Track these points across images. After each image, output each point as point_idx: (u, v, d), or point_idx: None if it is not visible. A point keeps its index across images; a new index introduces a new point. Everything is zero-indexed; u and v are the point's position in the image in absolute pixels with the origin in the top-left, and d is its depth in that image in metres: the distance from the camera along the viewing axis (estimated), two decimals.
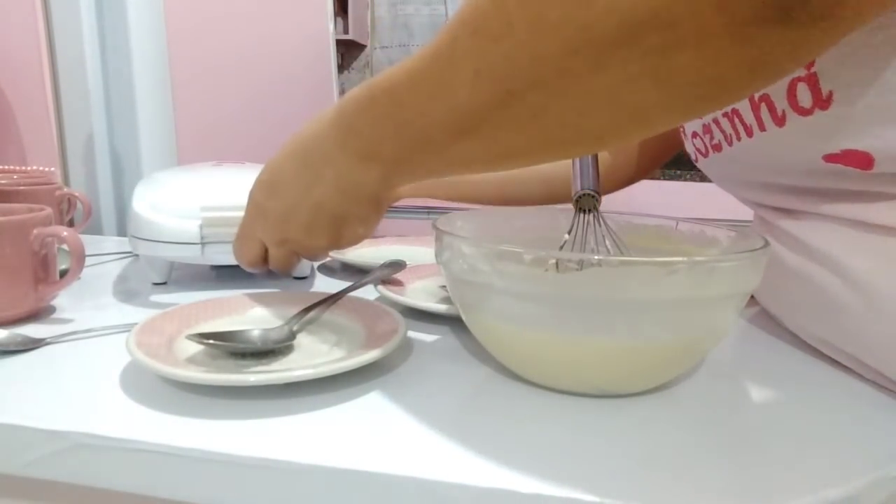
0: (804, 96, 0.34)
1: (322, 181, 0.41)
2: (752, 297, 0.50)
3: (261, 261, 0.47)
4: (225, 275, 0.62)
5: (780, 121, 0.36)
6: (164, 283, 0.58)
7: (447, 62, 0.31)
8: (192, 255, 0.53)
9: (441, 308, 0.48)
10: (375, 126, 0.36)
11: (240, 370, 0.37)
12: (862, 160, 0.33)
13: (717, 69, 0.25)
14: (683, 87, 0.26)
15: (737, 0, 0.22)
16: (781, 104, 0.35)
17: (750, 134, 0.39)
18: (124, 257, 0.71)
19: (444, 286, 0.55)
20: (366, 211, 0.43)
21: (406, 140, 0.36)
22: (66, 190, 0.75)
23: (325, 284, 0.61)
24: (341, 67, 2.52)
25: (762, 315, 0.52)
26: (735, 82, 0.26)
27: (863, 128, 0.32)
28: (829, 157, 0.35)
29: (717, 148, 0.45)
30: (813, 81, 0.33)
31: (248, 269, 0.48)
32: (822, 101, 0.33)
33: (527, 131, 0.30)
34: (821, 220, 0.39)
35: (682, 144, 0.55)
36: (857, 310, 0.35)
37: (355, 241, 0.46)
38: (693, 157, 0.51)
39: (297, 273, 0.61)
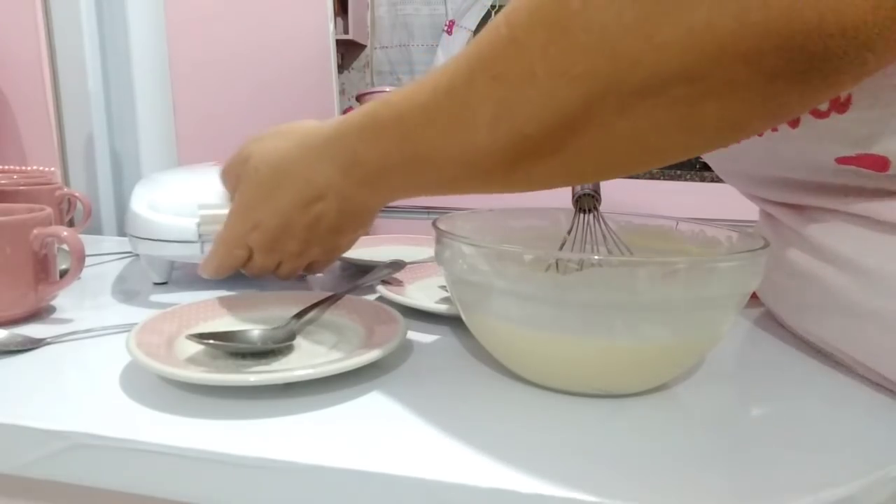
0: None
1: (322, 201, 0.41)
2: (756, 296, 0.50)
3: (240, 268, 0.48)
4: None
5: (794, 122, 0.35)
6: (165, 283, 0.58)
7: (464, 103, 0.31)
8: (191, 253, 0.53)
9: (441, 308, 0.48)
10: (382, 156, 0.37)
11: (240, 370, 0.37)
12: (877, 163, 0.33)
13: (741, 115, 0.25)
14: (704, 131, 0.26)
15: (764, 57, 0.22)
16: None
17: (761, 133, 0.39)
18: (124, 257, 0.71)
19: (444, 286, 0.55)
20: (361, 223, 0.44)
21: (415, 171, 0.36)
22: (66, 190, 0.75)
23: (325, 284, 0.61)
24: (341, 67, 2.52)
25: (763, 315, 0.52)
26: (757, 125, 0.27)
27: (880, 132, 0.32)
28: (843, 160, 0.34)
29: None
30: None
31: (212, 277, 0.48)
32: (840, 105, 0.33)
33: (544, 165, 0.31)
34: (831, 217, 0.38)
35: None
36: (865, 309, 0.35)
37: (345, 250, 0.48)
38: None
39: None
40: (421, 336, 0.45)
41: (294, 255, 0.45)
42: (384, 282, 0.54)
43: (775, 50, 0.22)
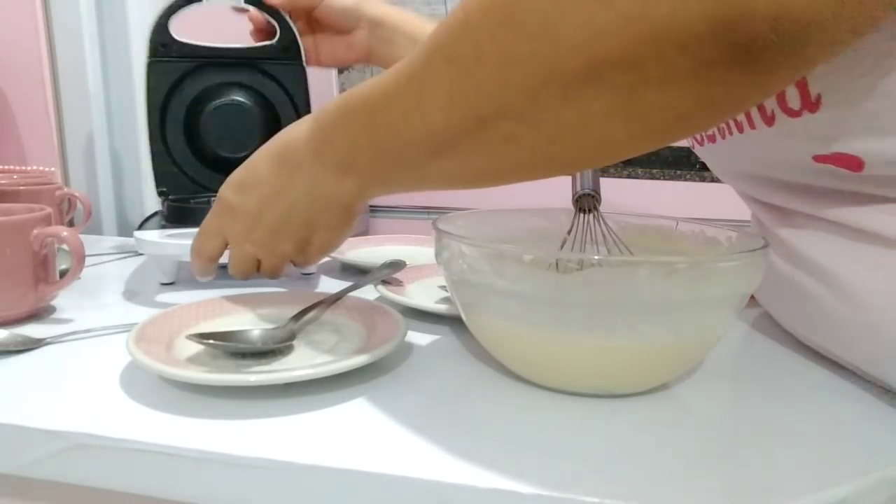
0: (793, 97, 0.33)
1: (295, 186, 0.41)
2: (754, 297, 0.50)
3: (217, 259, 0.47)
4: (227, 274, 0.62)
5: (769, 120, 0.36)
6: (173, 283, 0.58)
7: (421, 85, 0.32)
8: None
9: (441, 308, 0.48)
10: (350, 139, 0.37)
11: (240, 370, 0.37)
12: (852, 162, 0.33)
13: (682, 106, 0.25)
14: (650, 122, 0.27)
15: (700, 43, 0.23)
16: (771, 104, 0.35)
17: (741, 130, 0.39)
18: (124, 257, 0.71)
19: (444, 286, 0.55)
20: (336, 219, 0.43)
21: (380, 155, 0.36)
22: (66, 190, 0.75)
23: (325, 284, 0.61)
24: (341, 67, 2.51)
25: (762, 316, 0.52)
26: (700, 118, 0.27)
27: (852, 131, 0.32)
28: (819, 158, 0.35)
29: (712, 139, 0.45)
30: (801, 83, 0.32)
31: (200, 275, 0.48)
32: (811, 104, 0.33)
33: (499, 155, 0.31)
34: (812, 225, 0.38)
35: None
36: (844, 319, 0.35)
37: (322, 250, 0.46)
38: (690, 143, 0.51)
39: (305, 270, 0.62)
40: (421, 336, 0.45)
41: (266, 246, 0.44)
42: (384, 282, 0.54)
43: (709, 37, 0.22)
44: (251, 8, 0.66)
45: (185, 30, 0.67)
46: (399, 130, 0.34)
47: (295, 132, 0.42)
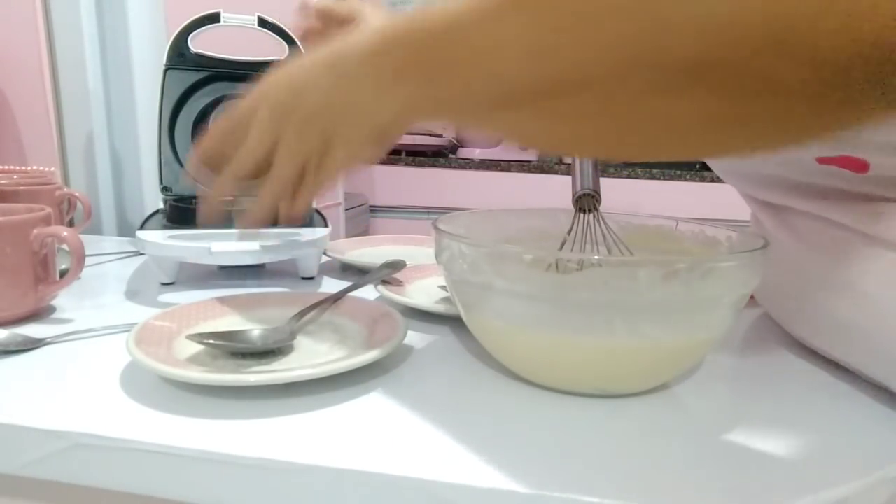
0: None
1: (335, 90, 0.38)
2: (754, 297, 0.50)
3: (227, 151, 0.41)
4: (228, 274, 0.62)
5: None
6: (173, 283, 0.58)
7: (504, 28, 0.28)
8: (196, 254, 0.53)
9: (441, 308, 0.48)
10: (409, 55, 0.33)
11: (240, 370, 0.37)
12: (856, 164, 0.33)
13: (786, 123, 0.23)
14: (750, 131, 0.25)
15: (827, 56, 0.20)
16: None
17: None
18: (124, 257, 0.71)
19: (444, 286, 0.55)
20: (363, 136, 0.39)
21: (436, 88, 0.33)
22: (66, 190, 0.75)
23: (326, 284, 0.61)
24: None
25: (762, 316, 0.52)
26: (806, 134, 0.25)
27: (858, 135, 0.32)
28: (823, 160, 0.35)
29: None
30: None
31: (228, 177, 0.42)
32: None
33: (564, 126, 0.29)
34: (813, 225, 0.38)
35: None
36: (846, 320, 0.35)
37: (340, 164, 0.40)
38: None
39: (304, 273, 0.62)
40: (421, 336, 0.45)
41: (288, 143, 0.40)
42: (384, 282, 0.54)
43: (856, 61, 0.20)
44: (268, 32, 0.70)
45: (202, 43, 0.70)
46: (463, 71, 0.31)
47: (351, 40, 0.38)
